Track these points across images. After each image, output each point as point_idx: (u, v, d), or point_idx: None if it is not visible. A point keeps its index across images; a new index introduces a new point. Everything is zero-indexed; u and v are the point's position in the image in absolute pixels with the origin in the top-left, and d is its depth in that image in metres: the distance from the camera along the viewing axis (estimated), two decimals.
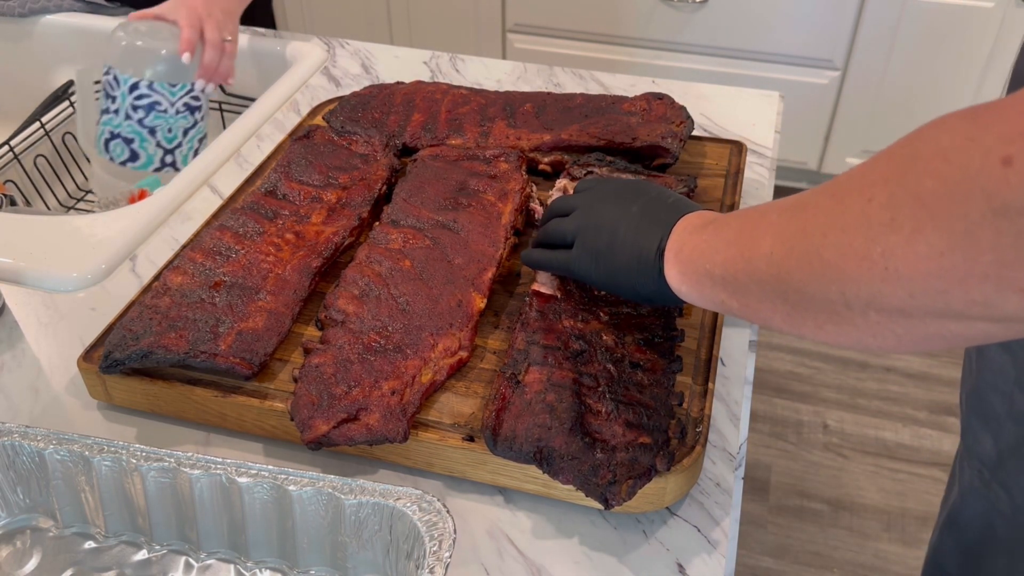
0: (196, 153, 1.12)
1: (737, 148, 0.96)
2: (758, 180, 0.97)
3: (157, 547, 0.62)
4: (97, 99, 1.16)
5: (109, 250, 0.87)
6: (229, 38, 1.10)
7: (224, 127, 1.21)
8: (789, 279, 0.46)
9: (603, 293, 0.72)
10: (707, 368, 0.69)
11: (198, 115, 1.11)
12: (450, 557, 0.52)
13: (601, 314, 0.70)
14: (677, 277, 0.58)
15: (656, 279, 0.60)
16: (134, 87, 1.08)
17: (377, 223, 0.81)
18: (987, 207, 0.35)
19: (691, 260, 0.57)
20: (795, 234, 0.46)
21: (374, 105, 1.00)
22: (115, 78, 1.08)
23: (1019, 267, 0.36)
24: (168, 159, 1.11)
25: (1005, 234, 0.35)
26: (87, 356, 0.71)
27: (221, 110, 1.26)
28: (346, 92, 1.13)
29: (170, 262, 0.80)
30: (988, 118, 0.36)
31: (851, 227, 0.41)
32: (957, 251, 0.37)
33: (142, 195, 1.10)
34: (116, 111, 1.09)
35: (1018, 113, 0.35)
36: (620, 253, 0.62)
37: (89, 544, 0.63)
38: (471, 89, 1.03)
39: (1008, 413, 0.64)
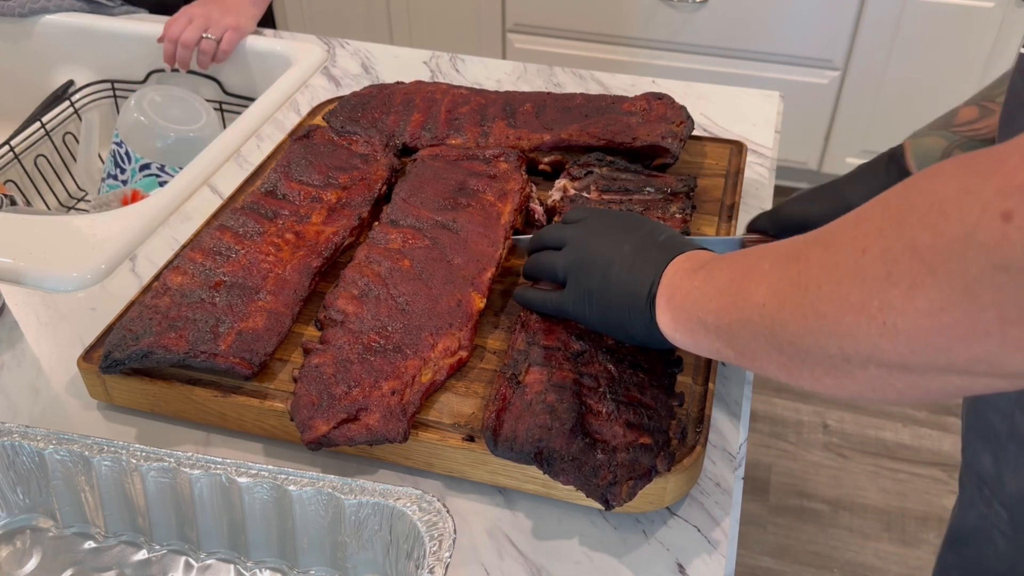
0: None
1: (737, 148, 0.96)
2: (758, 180, 0.97)
3: (157, 547, 0.62)
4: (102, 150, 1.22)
5: (109, 250, 0.87)
6: (210, 36, 1.20)
7: (224, 127, 1.21)
8: (784, 331, 0.44)
9: None
10: (707, 368, 0.69)
11: None
12: (450, 557, 0.52)
13: None
14: (670, 324, 0.56)
15: (648, 324, 0.58)
16: (145, 167, 1.11)
17: (377, 223, 0.81)
18: (987, 263, 0.34)
19: (683, 308, 0.55)
20: (788, 285, 0.44)
21: (374, 105, 1.00)
22: (127, 152, 1.10)
23: (1022, 324, 0.34)
24: None
25: (1007, 291, 0.34)
26: (87, 356, 0.71)
27: (221, 110, 1.26)
28: (346, 92, 1.13)
29: (170, 262, 0.80)
30: (986, 169, 0.35)
31: (846, 279, 0.40)
32: (958, 307, 0.36)
33: (135, 196, 1.10)
34: (124, 182, 1.12)
35: (1016, 165, 0.34)
36: (613, 295, 0.61)
37: (89, 544, 0.63)
38: (471, 89, 1.03)
39: (1009, 434, 0.64)
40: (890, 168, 0.72)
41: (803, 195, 0.75)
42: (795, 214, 0.74)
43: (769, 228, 0.76)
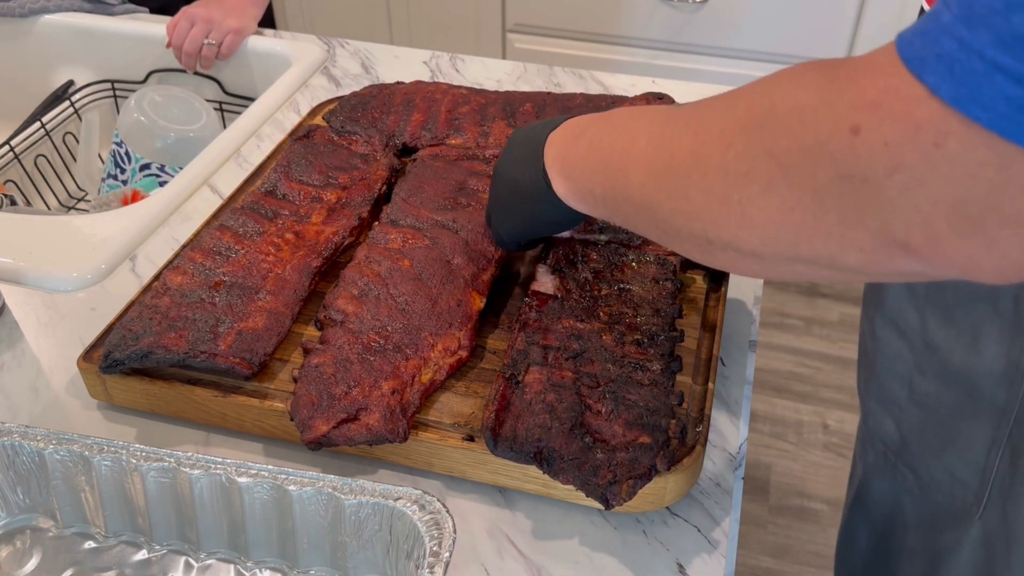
0: None
1: None
2: None
3: (157, 547, 0.62)
4: (101, 149, 1.22)
5: (109, 250, 0.87)
6: (212, 42, 1.20)
7: (224, 127, 1.21)
8: (660, 210, 0.48)
9: (603, 292, 0.72)
10: (707, 368, 0.69)
11: None
12: (450, 557, 0.52)
13: (601, 314, 0.70)
14: (568, 192, 0.60)
15: (552, 199, 0.61)
16: (145, 167, 1.10)
17: (376, 223, 0.81)
18: (834, 173, 0.37)
19: (574, 176, 0.58)
20: (663, 169, 0.48)
21: (374, 105, 1.00)
22: (127, 152, 1.10)
23: (860, 229, 0.37)
24: None
25: (848, 198, 0.37)
26: (87, 356, 0.71)
27: (221, 110, 1.26)
28: (346, 92, 1.13)
29: (170, 262, 0.80)
30: (843, 81, 0.37)
31: (712, 171, 0.43)
32: (806, 209, 0.39)
33: (135, 196, 1.10)
34: (124, 182, 1.11)
35: (869, 80, 0.36)
36: (509, 188, 0.65)
37: (89, 544, 0.63)
38: (471, 89, 1.03)
39: (909, 397, 0.67)
40: None
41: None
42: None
43: None
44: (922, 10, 0.58)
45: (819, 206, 0.38)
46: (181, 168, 1.01)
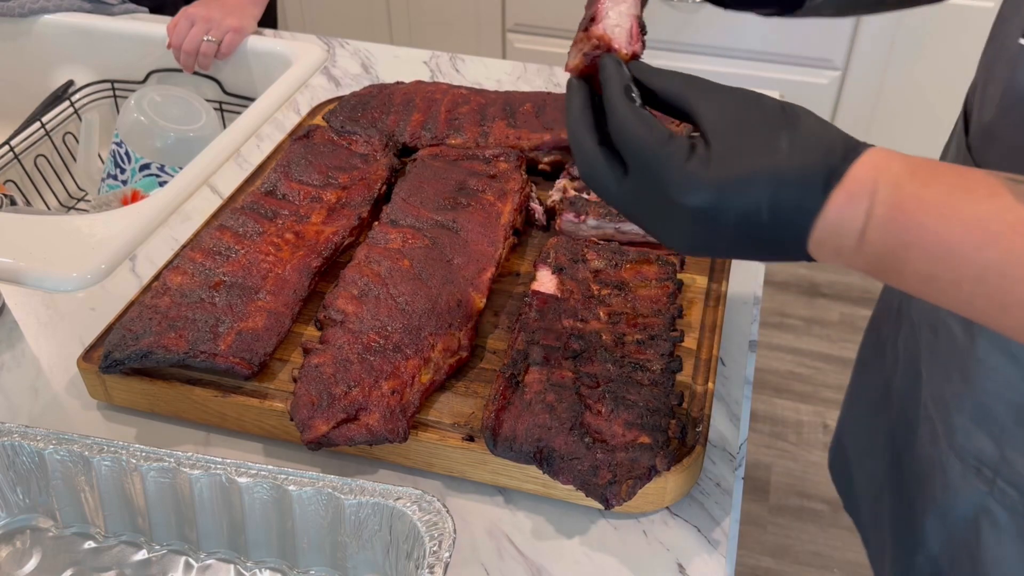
0: None
1: None
2: None
3: (157, 547, 0.62)
4: (101, 148, 1.23)
5: (109, 250, 0.87)
6: (212, 39, 1.20)
7: (224, 127, 1.21)
8: None
9: (603, 292, 0.72)
10: (707, 368, 0.69)
11: None
12: (450, 557, 0.52)
13: (601, 314, 0.70)
14: (836, 261, 0.47)
15: (785, 256, 0.47)
16: (145, 167, 1.10)
17: (376, 223, 0.81)
18: None
19: (891, 277, 0.45)
20: None
21: (374, 105, 1.00)
22: (127, 152, 1.10)
23: None
24: None
25: None
26: (87, 356, 0.71)
27: (221, 110, 1.26)
28: (346, 92, 1.13)
29: (170, 262, 0.80)
30: None
31: None
32: None
33: (135, 196, 1.10)
34: (124, 182, 1.12)
35: None
36: (706, 248, 0.49)
37: (89, 544, 0.63)
38: (471, 89, 1.03)
39: (1016, 420, 0.65)
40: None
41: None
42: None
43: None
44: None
45: None
46: (181, 168, 1.01)
